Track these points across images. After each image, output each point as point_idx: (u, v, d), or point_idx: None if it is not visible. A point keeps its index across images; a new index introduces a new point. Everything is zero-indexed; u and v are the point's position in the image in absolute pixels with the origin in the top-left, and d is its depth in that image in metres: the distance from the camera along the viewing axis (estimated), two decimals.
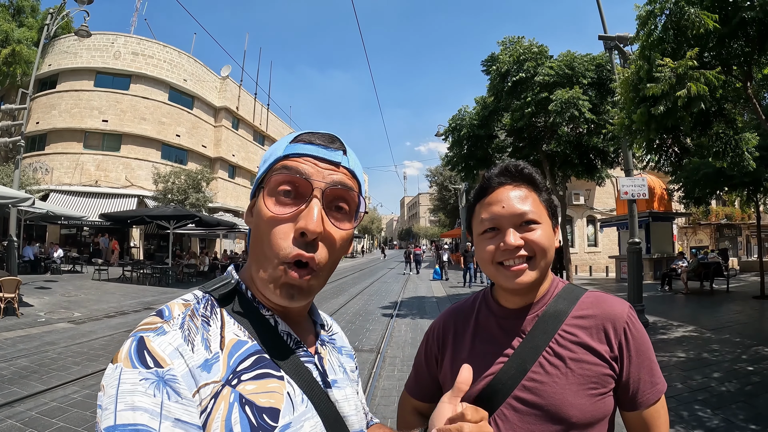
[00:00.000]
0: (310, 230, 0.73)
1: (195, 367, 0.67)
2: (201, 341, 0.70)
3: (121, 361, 0.64)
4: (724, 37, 6.47)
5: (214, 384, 0.67)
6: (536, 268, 1.01)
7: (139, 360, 0.63)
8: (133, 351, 0.65)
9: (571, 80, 12.60)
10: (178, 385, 0.63)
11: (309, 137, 0.81)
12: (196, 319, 0.73)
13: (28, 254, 19.25)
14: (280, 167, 0.78)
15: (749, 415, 4.54)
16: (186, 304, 0.75)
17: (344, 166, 0.81)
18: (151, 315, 0.72)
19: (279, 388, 0.73)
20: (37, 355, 6.89)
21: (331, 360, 0.89)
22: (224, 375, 0.69)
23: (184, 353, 0.67)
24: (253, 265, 0.80)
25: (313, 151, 0.78)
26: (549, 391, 0.97)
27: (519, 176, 1.06)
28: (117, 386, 0.61)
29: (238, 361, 0.72)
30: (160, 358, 0.64)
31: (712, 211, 28.03)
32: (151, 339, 0.66)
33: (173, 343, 0.67)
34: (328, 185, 0.77)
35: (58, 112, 27.85)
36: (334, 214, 0.79)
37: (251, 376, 0.71)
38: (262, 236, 0.77)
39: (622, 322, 1.00)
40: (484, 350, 1.08)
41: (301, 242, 0.74)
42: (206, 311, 0.76)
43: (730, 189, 12.81)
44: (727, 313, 10.92)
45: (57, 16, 14.76)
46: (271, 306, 0.81)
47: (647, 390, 0.99)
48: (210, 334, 0.72)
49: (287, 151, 0.79)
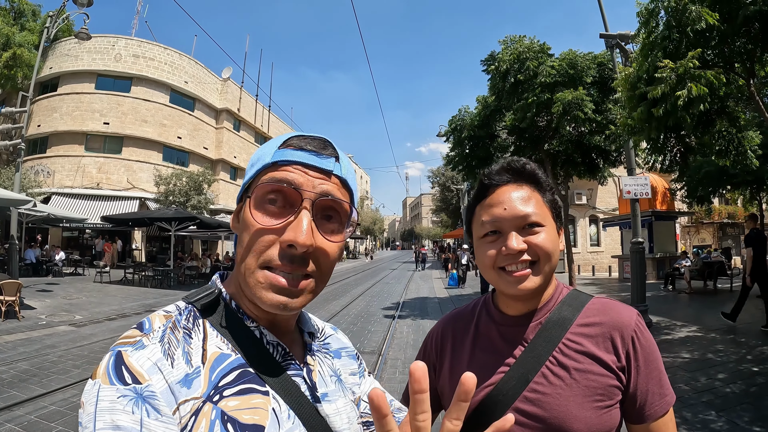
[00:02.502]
0: (300, 243, 0.69)
1: (174, 382, 0.64)
2: (182, 355, 0.67)
3: (99, 377, 0.62)
4: (726, 35, 6.43)
5: (195, 400, 0.64)
6: (540, 274, 0.96)
7: (116, 376, 0.61)
8: (111, 367, 0.62)
9: (574, 79, 12.55)
10: (157, 402, 0.61)
11: (299, 142, 0.76)
12: (177, 331, 0.70)
13: (29, 257, 19.28)
14: (268, 177, 0.74)
15: (754, 416, 4.48)
16: (167, 316, 0.72)
17: (336, 175, 0.77)
18: (132, 328, 0.70)
19: (264, 404, 0.70)
20: (37, 359, 6.89)
21: (322, 371, 0.85)
22: (205, 391, 0.66)
23: (162, 368, 0.64)
24: (239, 273, 0.76)
25: (303, 158, 0.75)
26: (552, 403, 0.92)
27: (521, 175, 1.01)
28: (95, 404, 0.59)
29: (221, 376, 0.68)
30: (137, 373, 0.62)
31: (714, 210, 27.90)
32: (129, 354, 0.64)
33: (152, 358, 0.64)
34: (318, 196, 0.73)
35: (59, 115, 27.91)
36: (325, 224, 0.75)
37: (234, 392, 0.68)
38: (247, 245, 0.74)
39: (630, 330, 0.95)
40: (484, 359, 1.04)
41: (288, 254, 0.71)
42: (188, 323, 0.72)
43: (733, 187, 12.81)
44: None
45: (57, 19, 14.78)
46: (257, 316, 0.77)
47: (656, 402, 0.94)
48: (191, 348, 0.69)
49: (276, 157, 0.75)
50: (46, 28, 14.69)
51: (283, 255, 0.71)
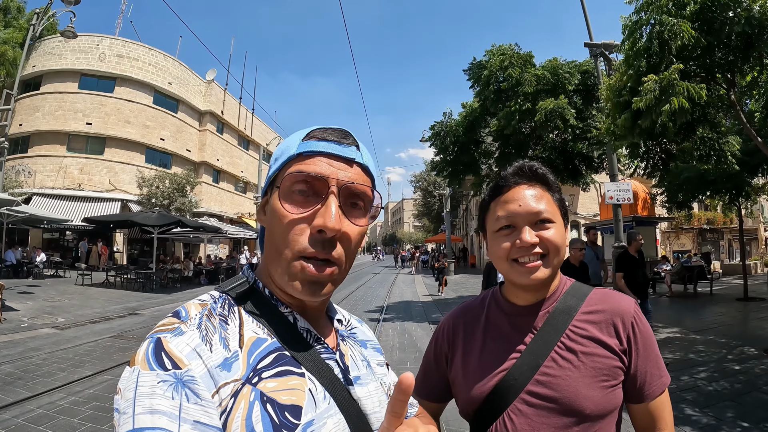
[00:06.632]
0: (329, 227, 0.73)
1: (214, 366, 0.66)
2: (219, 340, 0.70)
3: (138, 364, 0.63)
4: (707, 48, 6.62)
5: (234, 383, 0.67)
6: (549, 266, 1.04)
7: (156, 362, 0.63)
8: (151, 353, 0.64)
9: (556, 87, 12.76)
10: (196, 387, 0.63)
11: (322, 134, 0.80)
12: (213, 318, 0.73)
13: (10, 258, 18.88)
14: (295, 167, 0.78)
15: (738, 412, 4.62)
16: (203, 304, 0.75)
17: (358, 162, 0.81)
18: (168, 316, 0.72)
19: (300, 385, 0.72)
20: (21, 361, 6.79)
21: (354, 355, 0.88)
22: (244, 373, 0.68)
23: (201, 353, 0.66)
24: (270, 263, 0.80)
25: (326, 149, 0.78)
26: (562, 384, 1.00)
27: (534, 176, 1.10)
28: (135, 389, 0.61)
29: (258, 359, 0.71)
30: (177, 359, 0.64)
31: (694, 216, 28.45)
32: (168, 340, 0.66)
33: (191, 344, 0.66)
34: (343, 183, 0.77)
35: (41, 114, 27.37)
36: (350, 210, 0.79)
37: (272, 374, 0.71)
38: (277, 235, 0.77)
39: (630, 316, 1.05)
40: (495, 348, 1.10)
41: (319, 239, 0.74)
42: (224, 310, 0.75)
43: (713, 193, 13.02)
44: (711, 315, 11.10)
45: (43, 17, 14.60)
46: (289, 303, 0.80)
47: (654, 382, 1.03)
48: (228, 333, 0.72)
49: (300, 149, 0.79)
50: (32, 25, 14.52)
51: (314, 241, 0.74)
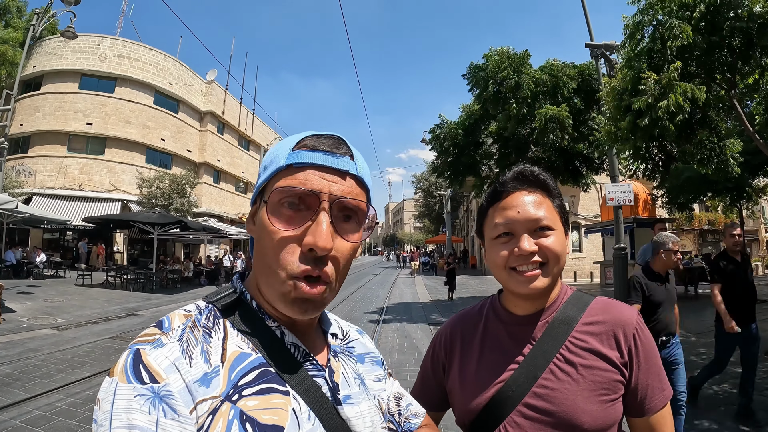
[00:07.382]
0: (320, 247, 0.70)
1: (192, 381, 0.64)
2: (200, 354, 0.67)
3: (116, 375, 0.62)
4: (708, 48, 6.60)
5: (213, 399, 0.64)
6: (549, 275, 1.01)
7: (134, 374, 0.61)
8: (129, 364, 0.62)
9: (555, 89, 12.77)
10: (174, 402, 0.61)
11: (313, 142, 0.75)
12: (197, 330, 0.70)
13: (9, 258, 18.87)
14: (283, 182, 0.73)
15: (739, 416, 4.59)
16: (187, 315, 0.72)
17: (351, 174, 0.76)
18: (151, 326, 0.70)
19: (284, 404, 0.69)
20: (20, 362, 6.77)
21: (346, 372, 0.85)
22: (224, 390, 0.66)
23: (180, 367, 0.64)
24: (259, 277, 0.76)
25: (318, 160, 0.74)
26: (560, 397, 0.97)
27: (533, 182, 1.06)
28: (112, 401, 0.59)
29: (240, 375, 0.68)
30: (155, 372, 0.62)
31: (695, 217, 28.41)
32: (147, 352, 0.64)
33: (170, 357, 0.64)
34: (335, 198, 0.73)
35: (42, 114, 27.37)
36: (343, 225, 0.75)
37: (254, 391, 0.68)
38: (266, 250, 0.73)
39: (632, 328, 1.01)
40: (493, 358, 1.08)
41: (310, 257, 0.71)
42: (208, 322, 0.72)
43: (714, 194, 13.00)
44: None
45: (43, 17, 14.59)
46: (277, 317, 0.77)
47: (656, 395, 1.00)
48: (211, 346, 0.69)
49: (290, 159, 0.74)
50: (32, 25, 14.49)
51: (305, 259, 0.71)
